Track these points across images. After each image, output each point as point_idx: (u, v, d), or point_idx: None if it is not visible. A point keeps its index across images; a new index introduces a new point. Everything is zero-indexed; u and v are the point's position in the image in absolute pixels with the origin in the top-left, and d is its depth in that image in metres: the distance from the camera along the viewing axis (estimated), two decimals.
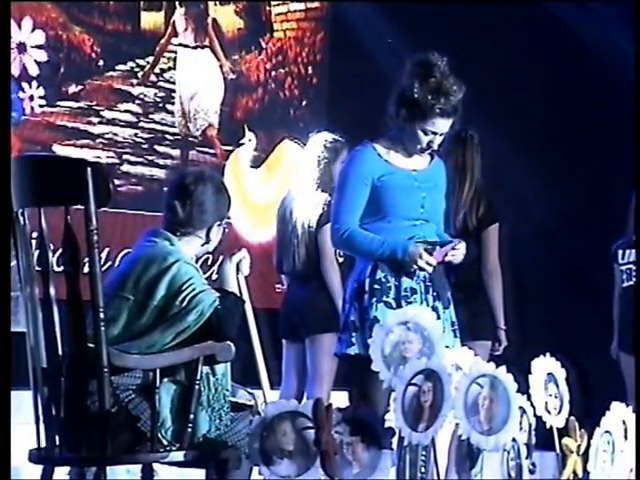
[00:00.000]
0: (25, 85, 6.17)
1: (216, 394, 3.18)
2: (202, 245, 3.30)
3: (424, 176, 3.82)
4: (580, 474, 3.51)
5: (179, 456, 3.08)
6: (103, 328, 2.97)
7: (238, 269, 3.42)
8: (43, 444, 3.09)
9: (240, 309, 3.27)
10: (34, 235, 3.13)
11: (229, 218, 3.43)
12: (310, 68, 7.19)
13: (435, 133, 3.77)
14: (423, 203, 3.77)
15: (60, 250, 3.04)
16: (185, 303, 3.11)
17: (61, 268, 3.06)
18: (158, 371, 3.06)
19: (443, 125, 3.77)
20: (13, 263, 3.09)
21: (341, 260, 4.83)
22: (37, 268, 3.08)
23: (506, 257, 4.99)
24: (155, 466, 3.36)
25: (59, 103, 6.30)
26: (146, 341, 3.10)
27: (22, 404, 3.22)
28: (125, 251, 3.54)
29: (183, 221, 3.23)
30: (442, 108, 3.74)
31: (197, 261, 3.35)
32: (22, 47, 6.17)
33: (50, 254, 3.08)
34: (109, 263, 5.73)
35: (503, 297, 4.80)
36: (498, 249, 4.77)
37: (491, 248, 4.73)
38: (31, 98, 6.19)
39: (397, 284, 3.72)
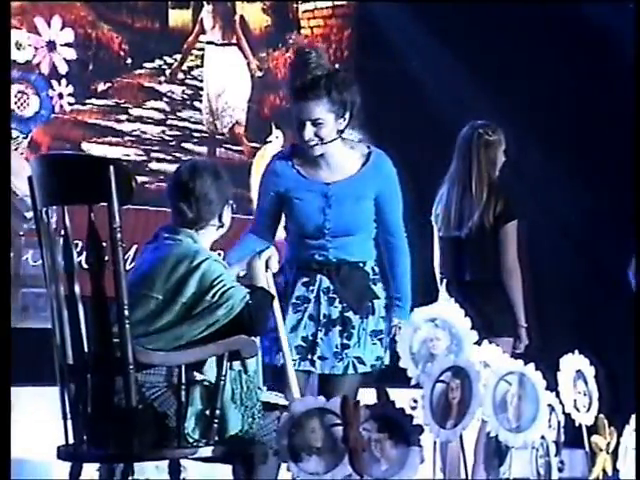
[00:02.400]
0: (54, 83, 6.20)
1: (248, 392, 3.18)
2: (217, 230, 3.32)
3: (341, 188, 3.62)
4: (610, 472, 3.49)
5: (207, 452, 3.08)
6: (128, 325, 2.97)
7: (267, 266, 3.43)
8: (71, 441, 3.10)
9: (269, 304, 3.27)
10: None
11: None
12: (337, 65, 7.18)
13: (309, 119, 3.53)
14: (328, 219, 3.61)
15: (85, 248, 3.05)
16: (216, 298, 3.12)
17: (86, 266, 3.06)
18: (184, 367, 3.06)
19: (310, 109, 3.52)
20: (39, 262, 3.10)
21: None
22: (62, 266, 3.09)
23: (533, 254, 4.97)
24: (183, 462, 3.36)
25: (88, 101, 6.33)
26: (174, 334, 3.11)
27: (51, 400, 3.23)
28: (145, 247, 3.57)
29: (194, 218, 3.24)
30: (302, 89, 3.53)
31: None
32: (51, 45, 6.20)
33: (75, 252, 3.08)
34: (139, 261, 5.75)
35: (526, 295, 4.77)
36: (518, 246, 4.74)
37: (509, 246, 4.70)
38: (60, 96, 6.22)
39: (291, 291, 3.64)
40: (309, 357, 3.59)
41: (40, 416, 5.48)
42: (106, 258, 3.01)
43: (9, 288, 3.38)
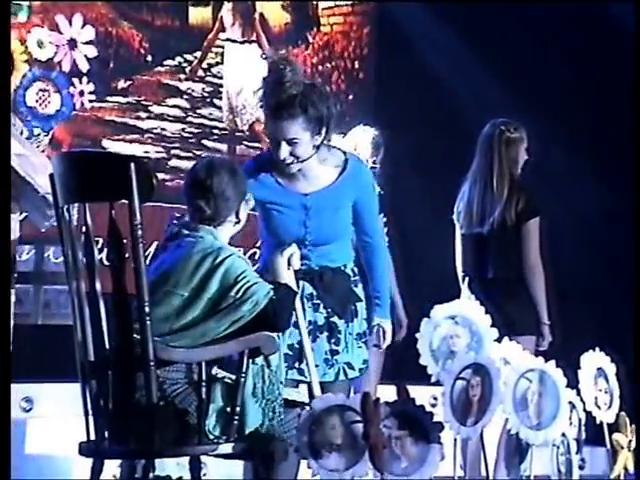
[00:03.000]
0: (75, 81, 6.22)
1: (270, 386, 3.19)
2: (234, 226, 3.33)
3: (319, 198, 3.56)
4: (631, 470, 3.48)
5: (227, 448, 3.09)
6: (148, 322, 2.98)
7: (289, 263, 3.42)
8: (93, 437, 3.12)
9: (292, 300, 3.27)
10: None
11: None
12: (357, 62, 7.18)
13: (284, 139, 3.45)
14: (309, 231, 3.55)
15: (106, 245, 3.06)
16: (240, 294, 3.13)
17: (107, 263, 3.08)
18: (204, 364, 3.07)
19: (285, 128, 3.44)
20: (60, 259, 3.11)
21: None
22: (83, 263, 3.10)
23: (554, 251, 4.95)
24: (203, 459, 3.37)
25: (108, 98, 6.35)
26: (200, 330, 3.11)
27: (74, 397, 3.24)
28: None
29: (212, 215, 3.25)
30: (277, 109, 3.44)
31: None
32: (73, 43, 6.23)
33: (96, 249, 3.09)
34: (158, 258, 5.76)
35: (549, 292, 4.76)
36: (540, 244, 4.73)
37: (531, 243, 4.69)
38: (81, 93, 6.24)
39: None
40: (296, 365, 3.54)
41: (62, 412, 5.50)
42: (127, 255, 3.02)
43: (9, 286, 3.40)
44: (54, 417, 5.65)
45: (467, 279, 4.82)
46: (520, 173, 4.79)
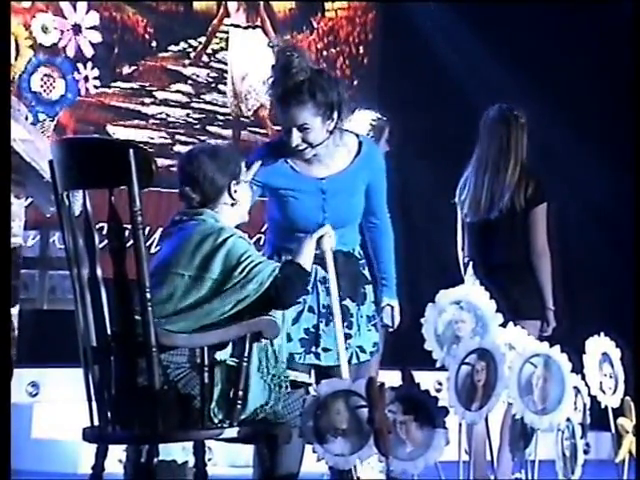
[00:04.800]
0: (80, 66, 6.22)
1: (275, 362, 3.20)
2: (232, 207, 3.30)
3: (336, 182, 3.57)
4: (636, 454, 3.49)
5: (232, 433, 3.09)
6: (150, 308, 2.98)
7: (318, 245, 3.39)
8: (96, 422, 3.12)
9: (301, 279, 3.26)
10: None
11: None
12: (361, 48, 7.17)
13: (294, 126, 3.45)
14: (326, 216, 3.54)
15: (106, 231, 3.06)
16: (244, 273, 3.13)
17: (108, 248, 3.07)
18: (206, 349, 3.07)
19: (295, 115, 3.44)
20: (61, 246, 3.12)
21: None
22: (84, 249, 3.10)
23: (560, 236, 4.95)
24: (208, 443, 3.38)
25: (113, 84, 6.35)
26: (206, 309, 3.12)
27: (78, 381, 3.25)
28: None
29: (202, 200, 3.26)
30: (285, 95, 3.44)
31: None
32: (77, 29, 6.22)
33: (97, 235, 3.09)
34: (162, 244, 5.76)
35: (554, 277, 4.76)
36: (548, 229, 4.73)
37: (539, 228, 4.69)
38: (86, 79, 6.25)
39: None
40: (313, 350, 3.54)
41: (68, 397, 5.52)
42: (128, 241, 3.02)
43: (9, 282, 3.40)
44: (60, 402, 5.66)
45: (472, 263, 4.81)
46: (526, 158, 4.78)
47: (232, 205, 3.30)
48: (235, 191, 3.29)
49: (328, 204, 3.56)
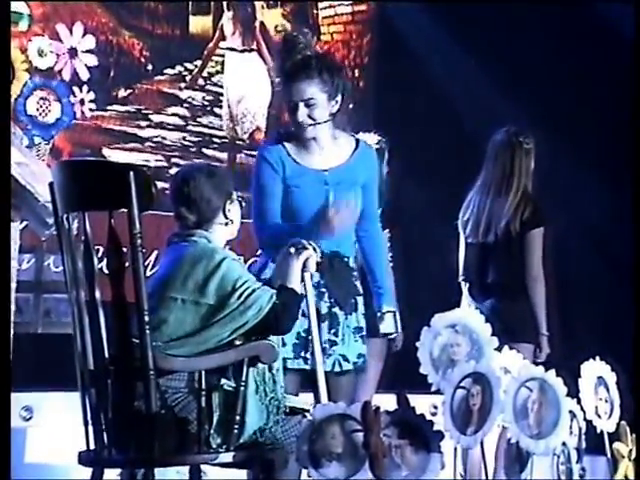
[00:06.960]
0: (76, 89, 6.23)
1: (273, 385, 3.19)
2: (225, 226, 3.31)
3: (338, 174, 3.65)
4: (632, 479, 3.48)
5: (228, 457, 3.08)
6: (148, 331, 2.98)
7: (304, 267, 3.40)
8: (92, 446, 3.11)
9: (297, 304, 3.27)
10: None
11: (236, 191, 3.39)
12: (357, 71, 7.18)
13: (301, 100, 3.55)
14: (329, 203, 3.56)
15: (105, 254, 3.05)
16: (242, 299, 3.13)
17: (107, 271, 3.07)
18: (204, 373, 3.06)
19: (302, 89, 3.54)
20: (60, 268, 3.11)
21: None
22: (83, 272, 3.10)
23: (557, 260, 4.94)
24: (203, 467, 3.37)
25: (109, 107, 6.35)
26: (204, 336, 3.11)
27: (74, 405, 3.24)
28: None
29: (197, 220, 3.26)
30: (293, 70, 3.55)
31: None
32: (73, 52, 6.23)
33: (96, 258, 3.09)
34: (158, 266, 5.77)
35: (550, 301, 4.75)
36: (544, 253, 4.72)
37: (535, 252, 4.68)
38: (82, 102, 6.25)
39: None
40: (302, 354, 3.56)
41: (62, 421, 5.49)
42: (127, 264, 3.02)
43: (9, 291, 3.40)
44: (54, 426, 5.64)
45: (467, 285, 4.81)
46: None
47: (226, 224, 3.31)
48: (229, 210, 3.30)
49: (331, 194, 3.60)
